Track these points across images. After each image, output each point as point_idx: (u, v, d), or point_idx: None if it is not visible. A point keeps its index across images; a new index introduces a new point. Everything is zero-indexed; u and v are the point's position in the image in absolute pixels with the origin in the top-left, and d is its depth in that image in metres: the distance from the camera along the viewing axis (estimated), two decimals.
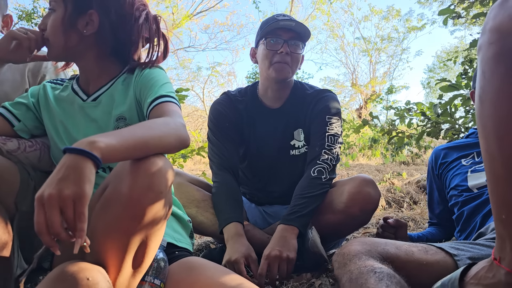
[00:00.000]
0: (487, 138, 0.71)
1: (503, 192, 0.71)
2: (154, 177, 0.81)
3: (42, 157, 1.22)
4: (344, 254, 1.02)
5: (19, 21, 8.09)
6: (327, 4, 16.73)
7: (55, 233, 0.66)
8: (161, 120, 0.94)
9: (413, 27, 18.70)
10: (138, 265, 0.85)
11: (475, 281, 0.78)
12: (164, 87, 1.10)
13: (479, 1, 3.06)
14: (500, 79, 0.67)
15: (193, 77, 17.60)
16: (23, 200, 1.13)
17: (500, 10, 0.67)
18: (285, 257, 1.30)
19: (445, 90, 2.65)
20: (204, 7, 15.70)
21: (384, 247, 1.02)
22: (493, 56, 0.68)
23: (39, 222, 0.66)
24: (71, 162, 0.70)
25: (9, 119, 1.18)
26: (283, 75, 1.60)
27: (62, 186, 0.67)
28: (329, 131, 1.58)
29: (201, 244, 1.94)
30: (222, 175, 1.60)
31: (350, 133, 8.00)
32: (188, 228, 1.25)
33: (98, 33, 1.12)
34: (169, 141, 0.88)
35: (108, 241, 0.80)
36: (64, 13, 1.10)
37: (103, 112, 1.16)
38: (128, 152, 0.79)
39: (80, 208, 0.67)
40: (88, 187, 0.69)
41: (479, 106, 0.72)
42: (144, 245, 0.84)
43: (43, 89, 1.24)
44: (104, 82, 1.19)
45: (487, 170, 0.74)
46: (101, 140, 0.74)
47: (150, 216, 0.81)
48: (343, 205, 1.47)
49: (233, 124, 1.70)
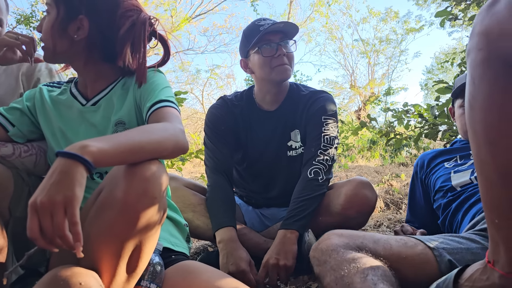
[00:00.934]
0: (478, 144, 0.71)
1: (495, 197, 0.71)
2: (149, 183, 0.81)
3: (38, 161, 1.22)
4: (322, 249, 0.99)
5: (17, 25, 8.11)
6: (325, 6, 16.76)
7: (49, 239, 0.67)
8: (159, 125, 0.94)
9: (411, 28, 18.71)
10: (132, 270, 0.85)
11: (469, 283, 0.79)
12: (164, 91, 1.10)
13: (476, 3, 3.06)
14: (489, 85, 0.67)
15: (192, 79, 17.59)
16: (17, 206, 1.13)
17: (487, 14, 0.67)
18: (283, 265, 1.31)
19: (442, 92, 2.65)
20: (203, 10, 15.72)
21: (362, 240, 1.00)
22: (481, 62, 0.67)
23: (32, 228, 0.67)
24: (62, 166, 0.70)
25: (3, 124, 1.17)
26: (286, 75, 1.61)
27: (53, 192, 0.67)
28: (325, 132, 1.59)
29: (198, 247, 1.93)
30: (216, 179, 1.61)
31: (349, 135, 8.00)
32: (185, 232, 1.25)
33: (88, 38, 1.12)
34: (167, 147, 0.88)
35: (102, 245, 0.80)
36: (56, 17, 1.10)
37: (103, 116, 1.15)
38: (123, 157, 0.79)
39: (72, 211, 0.67)
40: (79, 190, 0.69)
41: (469, 111, 0.72)
42: (138, 250, 0.83)
43: (39, 93, 1.24)
44: (103, 87, 1.19)
45: (478, 175, 0.74)
46: (93, 144, 0.74)
47: (145, 221, 0.81)
48: (340, 207, 1.47)
49: (229, 128, 1.70)
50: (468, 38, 0.75)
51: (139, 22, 1.13)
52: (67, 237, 0.67)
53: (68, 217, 0.67)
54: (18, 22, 7.87)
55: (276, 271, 1.31)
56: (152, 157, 0.85)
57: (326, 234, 1.05)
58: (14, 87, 1.37)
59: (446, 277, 0.85)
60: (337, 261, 0.93)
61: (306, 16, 17.59)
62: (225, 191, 1.58)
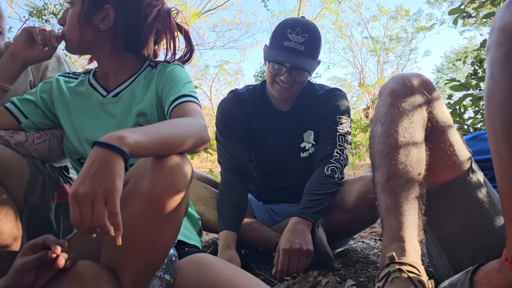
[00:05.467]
0: (496, 139, 0.71)
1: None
2: (175, 176, 0.82)
3: (52, 147, 1.22)
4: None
5: (29, 18, 8.14)
6: (335, 4, 16.65)
7: (88, 227, 0.69)
8: (185, 120, 0.95)
9: (421, 27, 18.57)
10: (154, 261, 0.86)
11: (486, 281, 0.78)
12: (186, 86, 1.11)
13: (490, 1, 3.03)
14: (508, 81, 0.67)
15: (200, 75, 17.64)
16: (32, 194, 1.14)
17: (507, 10, 0.68)
18: (305, 250, 1.30)
19: (455, 89, 2.64)
20: (213, 5, 15.73)
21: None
22: (501, 57, 0.68)
23: (75, 217, 0.68)
24: (102, 157, 0.71)
25: (17, 116, 1.17)
26: (283, 96, 1.58)
27: (95, 183, 0.68)
28: (340, 131, 1.58)
29: (208, 241, 1.94)
30: (228, 178, 1.58)
31: (357, 133, 7.97)
32: (197, 226, 1.26)
33: (113, 28, 1.13)
34: (193, 141, 0.89)
35: (126, 235, 0.81)
36: (82, 8, 1.10)
37: (124, 108, 1.16)
38: (155, 149, 0.80)
39: (113, 202, 0.69)
40: (119, 182, 0.70)
41: (487, 107, 0.72)
42: (161, 241, 0.84)
43: (57, 83, 1.24)
44: (124, 78, 1.19)
45: (496, 170, 0.74)
46: (130, 136, 0.75)
47: (169, 213, 0.82)
48: (352, 204, 1.47)
49: (242, 123, 1.67)
50: (483, 36, 0.78)
51: (164, 11, 1.15)
52: (106, 226, 0.68)
53: (109, 208, 0.68)
54: (30, 14, 7.90)
55: (298, 257, 1.29)
56: (179, 150, 0.85)
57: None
58: (23, 75, 1.37)
59: (461, 275, 0.85)
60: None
61: (316, 13, 17.53)
62: (236, 192, 1.55)
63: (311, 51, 1.51)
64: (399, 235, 0.82)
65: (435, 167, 0.96)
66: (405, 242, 0.81)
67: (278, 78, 1.54)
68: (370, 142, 1.00)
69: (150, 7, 1.13)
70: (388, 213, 0.87)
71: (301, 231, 1.35)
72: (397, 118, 0.93)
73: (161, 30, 1.16)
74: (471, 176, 0.97)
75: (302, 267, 1.31)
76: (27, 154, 1.16)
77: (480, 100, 2.69)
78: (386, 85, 1.00)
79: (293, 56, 1.49)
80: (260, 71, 13.98)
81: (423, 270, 0.78)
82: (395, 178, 0.89)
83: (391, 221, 0.85)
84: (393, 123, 0.93)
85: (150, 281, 0.91)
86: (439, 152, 0.97)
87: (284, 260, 1.30)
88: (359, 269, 1.32)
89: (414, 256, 0.80)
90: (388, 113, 0.95)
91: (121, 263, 0.82)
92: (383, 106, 0.97)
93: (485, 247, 0.93)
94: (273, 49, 1.54)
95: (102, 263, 0.84)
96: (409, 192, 0.87)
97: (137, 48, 1.18)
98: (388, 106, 0.95)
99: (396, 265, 0.76)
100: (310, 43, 1.50)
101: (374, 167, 0.96)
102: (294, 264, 1.30)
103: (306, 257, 1.30)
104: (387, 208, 0.87)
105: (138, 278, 0.84)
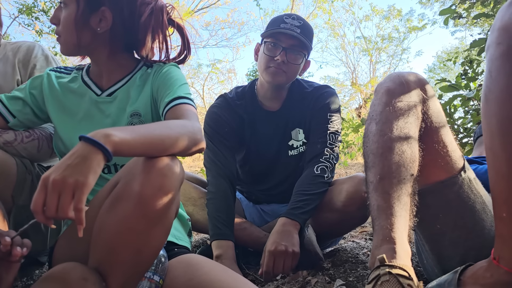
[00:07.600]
0: (492, 136, 0.72)
1: (504, 190, 0.72)
2: (165, 178, 0.82)
3: (41, 146, 1.21)
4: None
5: (19, 15, 8.06)
6: (328, 3, 16.68)
7: (50, 216, 0.68)
8: (179, 121, 0.94)
9: (414, 27, 18.66)
10: (143, 262, 0.85)
11: (473, 280, 0.78)
12: (182, 88, 1.10)
13: (480, 2, 3.05)
14: (506, 78, 0.68)
15: (193, 73, 17.53)
16: (20, 194, 1.13)
17: (507, 10, 0.69)
18: (291, 252, 1.30)
19: (445, 90, 2.65)
20: (205, 4, 15.68)
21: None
22: (500, 55, 0.69)
23: (37, 203, 0.68)
24: (83, 151, 0.71)
25: (4, 115, 1.14)
26: (277, 80, 1.56)
27: (67, 174, 0.68)
28: (330, 129, 1.58)
29: (198, 240, 1.94)
30: (218, 185, 1.54)
31: (349, 132, 7.99)
32: (187, 227, 1.25)
33: (111, 30, 1.10)
34: (185, 143, 0.88)
35: (116, 236, 0.81)
36: (77, 10, 1.07)
37: (118, 108, 1.14)
38: (143, 149, 0.80)
39: (80, 196, 0.68)
40: (92, 178, 0.70)
41: (484, 104, 0.73)
42: (150, 243, 0.84)
43: (48, 78, 1.20)
44: (119, 77, 1.17)
45: (489, 168, 0.75)
46: (116, 134, 0.74)
47: (159, 215, 0.82)
48: (341, 204, 1.47)
49: (232, 130, 1.65)
50: (473, 36, 0.80)
51: (157, 9, 1.13)
52: (69, 218, 0.68)
53: (75, 202, 0.68)
54: (20, 12, 7.82)
55: (284, 259, 1.29)
56: (170, 152, 0.85)
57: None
58: (11, 74, 1.36)
59: (449, 275, 0.85)
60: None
61: (308, 12, 17.51)
62: (227, 199, 1.52)
63: (306, 35, 1.54)
64: (390, 237, 0.82)
65: (428, 167, 0.96)
66: (395, 244, 0.81)
67: (273, 60, 1.53)
68: (364, 140, 1.01)
69: (143, 5, 1.11)
70: (380, 213, 0.87)
71: (288, 232, 1.35)
72: (392, 117, 0.93)
73: (154, 28, 1.13)
74: (464, 175, 0.98)
75: (288, 268, 1.31)
76: (16, 153, 1.15)
77: (469, 101, 2.71)
78: (382, 83, 1.00)
79: (289, 36, 1.52)
80: (253, 70, 13.94)
81: (413, 272, 0.78)
82: (388, 178, 0.89)
83: (383, 222, 0.85)
84: (388, 122, 0.93)
85: (139, 282, 0.91)
86: (432, 153, 0.97)
87: (269, 261, 1.30)
88: (348, 268, 1.32)
89: (404, 258, 0.80)
90: (384, 112, 0.95)
91: (110, 265, 0.81)
92: (378, 105, 0.97)
93: (475, 247, 0.94)
94: (269, 30, 1.55)
95: (90, 265, 0.84)
96: (402, 193, 0.88)
97: (135, 48, 1.17)
98: (384, 105, 0.96)
99: (386, 267, 0.76)
100: (305, 29, 1.54)
101: (367, 166, 0.96)
102: (280, 265, 1.30)
103: (292, 259, 1.30)
104: (378, 208, 0.87)
105: (127, 280, 0.84)
